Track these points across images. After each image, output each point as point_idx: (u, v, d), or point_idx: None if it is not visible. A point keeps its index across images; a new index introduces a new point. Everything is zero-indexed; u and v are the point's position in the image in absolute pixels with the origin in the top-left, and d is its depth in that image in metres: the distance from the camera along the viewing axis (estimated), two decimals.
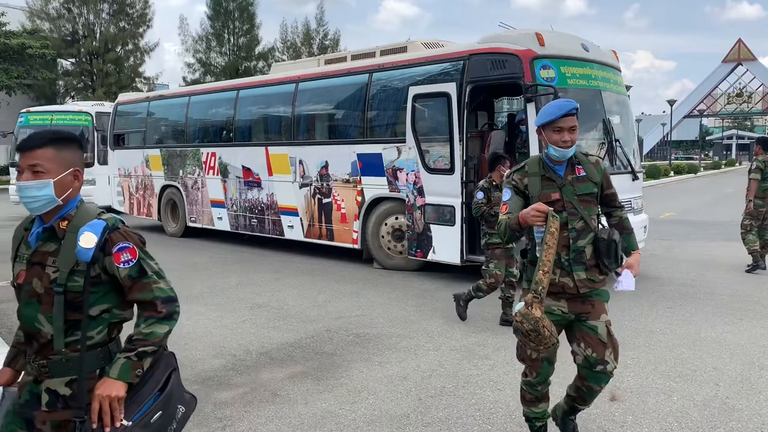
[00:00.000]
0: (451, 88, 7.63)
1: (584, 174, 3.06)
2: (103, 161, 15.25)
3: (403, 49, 9.13)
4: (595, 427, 3.68)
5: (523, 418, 3.37)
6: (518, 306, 2.78)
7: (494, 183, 5.91)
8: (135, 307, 2.11)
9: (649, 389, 4.27)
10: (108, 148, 14.37)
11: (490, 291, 5.88)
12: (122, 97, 14.54)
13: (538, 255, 2.83)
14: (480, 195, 5.91)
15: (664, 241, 11.30)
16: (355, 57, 9.83)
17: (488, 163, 6.33)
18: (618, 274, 3.04)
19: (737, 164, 64.11)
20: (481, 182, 6.05)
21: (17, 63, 30.56)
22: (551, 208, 2.80)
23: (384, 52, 9.31)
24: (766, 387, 4.30)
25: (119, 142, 13.79)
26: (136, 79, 38.50)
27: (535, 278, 2.73)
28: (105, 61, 36.71)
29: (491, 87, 8.28)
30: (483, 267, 6.05)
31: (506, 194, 3.08)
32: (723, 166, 57.94)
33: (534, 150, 7.06)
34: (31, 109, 17.39)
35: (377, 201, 8.73)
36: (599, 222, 3.14)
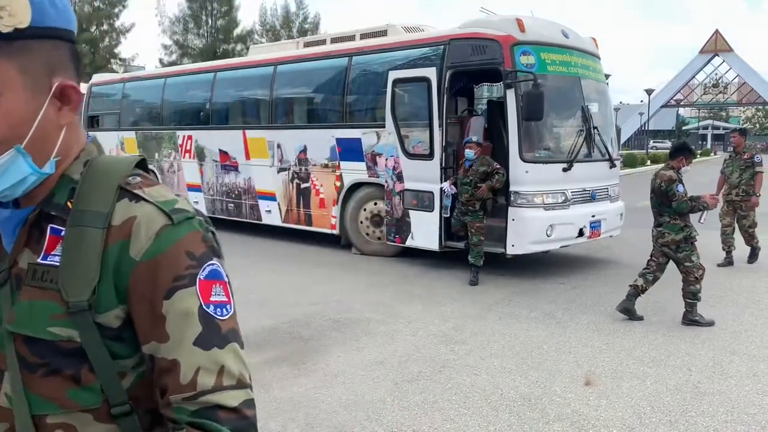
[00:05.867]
0: (431, 73, 7.57)
1: (57, 257, 0.89)
2: None
3: (383, 33, 9.03)
4: (570, 410, 3.71)
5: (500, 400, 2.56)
6: None
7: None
8: None
9: (623, 374, 4.32)
10: None
11: (699, 282, 5.41)
12: (96, 78, 14.19)
13: None
14: (681, 188, 5.35)
15: (640, 229, 11.36)
16: (334, 40, 9.70)
17: (673, 150, 5.73)
18: None
19: (712, 154, 65.12)
20: (670, 173, 5.43)
21: None
22: None
23: (364, 36, 9.21)
24: (736, 372, 4.38)
25: (93, 124, 13.48)
26: (112, 61, 37.73)
27: None
28: (79, 41, 35.86)
29: (471, 72, 8.24)
30: (686, 263, 5.41)
31: None
32: (698, 156, 58.88)
33: (513, 145, 7.02)
34: None
35: (356, 186, 8.67)
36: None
